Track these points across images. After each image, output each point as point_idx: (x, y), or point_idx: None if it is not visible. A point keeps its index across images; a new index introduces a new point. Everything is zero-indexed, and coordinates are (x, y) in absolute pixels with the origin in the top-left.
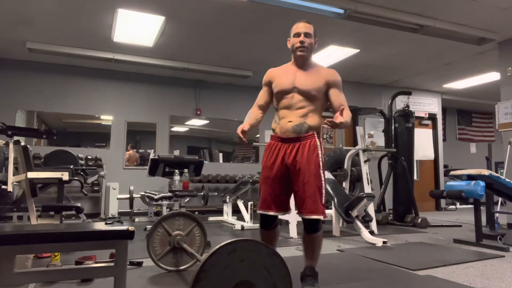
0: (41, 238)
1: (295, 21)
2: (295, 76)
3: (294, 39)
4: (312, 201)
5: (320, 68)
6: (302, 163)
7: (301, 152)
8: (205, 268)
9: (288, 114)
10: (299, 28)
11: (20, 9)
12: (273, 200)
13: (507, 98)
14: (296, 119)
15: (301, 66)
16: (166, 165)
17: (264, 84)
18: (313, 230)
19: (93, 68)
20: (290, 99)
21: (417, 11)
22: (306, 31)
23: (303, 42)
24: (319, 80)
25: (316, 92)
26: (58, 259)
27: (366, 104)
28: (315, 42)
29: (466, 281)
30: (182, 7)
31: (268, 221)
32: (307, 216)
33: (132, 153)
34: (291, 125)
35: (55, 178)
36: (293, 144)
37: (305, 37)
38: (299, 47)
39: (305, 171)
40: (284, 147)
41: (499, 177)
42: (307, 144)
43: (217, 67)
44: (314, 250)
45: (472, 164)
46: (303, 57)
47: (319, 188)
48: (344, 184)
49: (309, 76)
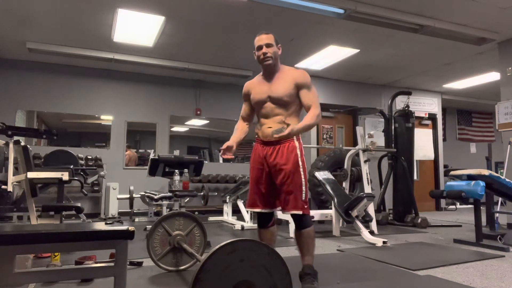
0: (41, 238)
1: (295, 21)
2: (267, 86)
3: (258, 52)
4: (293, 197)
5: (289, 70)
6: (281, 163)
7: (281, 153)
8: (205, 268)
9: (267, 121)
10: (260, 41)
11: (20, 9)
12: (259, 198)
13: (507, 98)
14: (275, 125)
15: (271, 74)
16: (166, 165)
17: (244, 99)
18: (301, 226)
19: (93, 68)
20: (266, 108)
21: (417, 11)
22: (267, 42)
23: (266, 53)
24: (289, 85)
25: (288, 97)
26: (58, 259)
27: (366, 104)
28: (278, 48)
29: (466, 281)
30: (182, 7)
31: (265, 220)
32: (288, 212)
33: (130, 153)
34: (271, 130)
35: (55, 178)
36: (274, 147)
37: (267, 47)
38: (263, 59)
39: (285, 170)
40: (265, 149)
41: (499, 177)
42: (286, 146)
43: (217, 67)
44: (307, 246)
45: (472, 164)
46: (270, 65)
47: (299, 186)
48: (344, 184)
49: (279, 83)
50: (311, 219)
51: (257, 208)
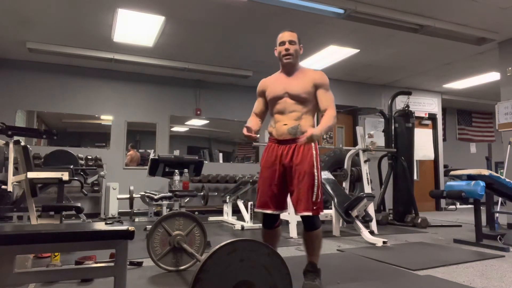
0: (41, 238)
1: (295, 21)
2: (285, 82)
3: (280, 47)
4: (305, 199)
5: (308, 71)
6: (297, 163)
7: (297, 153)
8: (205, 268)
9: (282, 118)
10: (283, 37)
11: (20, 9)
12: (271, 199)
13: (507, 98)
14: (291, 122)
15: (290, 72)
16: (166, 165)
17: (258, 95)
18: (310, 228)
19: (93, 68)
20: (283, 104)
21: (417, 11)
22: (291, 39)
23: (288, 49)
24: (307, 83)
25: (306, 94)
26: (58, 259)
27: (366, 104)
28: (300, 48)
29: (466, 281)
30: (182, 7)
31: (270, 220)
32: (300, 214)
33: (133, 153)
34: (286, 128)
35: (55, 178)
36: (289, 146)
37: (290, 44)
38: (285, 55)
39: (300, 171)
40: (280, 148)
41: (499, 177)
42: (302, 146)
43: (217, 67)
44: (314, 247)
45: (472, 164)
46: (290, 63)
47: (311, 187)
48: (344, 184)
49: (298, 80)
50: (320, 221)
51: (269, 210)
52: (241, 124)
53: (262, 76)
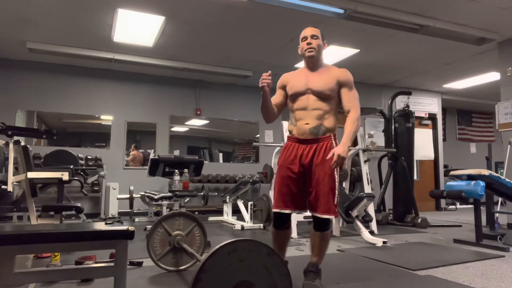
0: (41, 238)
1: (295, 21)
2: (308, 78)
3: (303, 43)
4: (326, 201)
5: (331, 68)
6: (318, 164)
7: (318, 153)
8: (205, 268)
9: (305, 115)
10: (306, 32)
11: (20, 9)
12: (291, 199)
13: (507, 98)
14: (313, 121)
15: (313, 68)
16: (166, 165)
17: (278, 87)
18: (322, 229)
19: (93, 68)
20: (305, 100)
21: (417, 11)
22: (313, 33)
23: (310, 43)
24: (331, 80)
25: (329, 91)
26: (58, 259)
27: (366, 104)
28: (323, 44)
29: (466, 281)
30: (182, 7)
31: (283, 221)
32: (320, 215)
33: (136, 153)
34: (309, 128)
35: (55, 178)
36: (311, 146)
37: (312, 39)
38: (307, 49)
39: (320, 172)
40: (301, 148)
41: (499, 177)
42: (324, 146)
43: (217, 67)
44: (321, 248)
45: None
46: (313, 57)
47: (332, 189)
48: (344, 184)
49: (321, 76)
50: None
51: (288, 210)
52: (241, 124)
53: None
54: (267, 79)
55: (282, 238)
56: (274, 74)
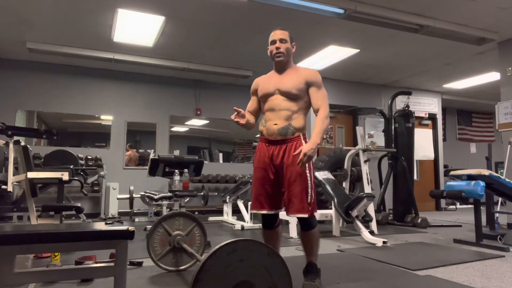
0: (41, 238)
1: (295, 21)
2: (277, 80)
3: (271, 46)
4: (298, 200)
5: (300, 69)
6: (288, 164)
7: (288, 153)
8: (205, 268)
9: (273, 116)
10: (274, 36)
11: (20, 9)
12: (265, 200)
13: (507, 98)
14: (281, 122)
15: (282, 70)
16: (166, 165)
17: (252, 93)
18: (306, 228)
19: (93, 68)
20: (274, 101)
21: (417, 11)
22: (281, 37)
23: (279, 48)
24: (299, 81)
25: (297, 91)
26: (58, 259)
27: (366, 104)
28: (292, 46)
29: (466, 281)
30: (182, 7)
31: (269, 221)
32: (293, 215)
33: (131, 153)
34: (277, 128)
35: (55, 178)
36: (280, 146)
37: (280, 43)
38: (276, 53)
39: (292, 172)
40: (271, 149)
41: (499, 177)
42: (293, 146)
43: (217, 67)
44: (312, 247)
45: (472, 164)
46: (281, 61)
47: (305, 188)
48: (344, 184)
49: (290, 77)
50: (317, 220)
51: (264, 210)
52: None
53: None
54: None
55: (273, 238)
56: None
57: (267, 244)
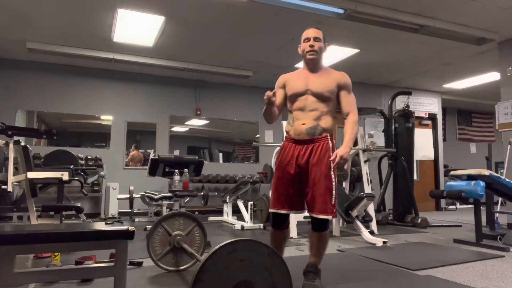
0: (41, 238)
1: (295, 21)
2: (308, 79)
3: (304, 44)
4: (322, 201)
5: (331, 70)
6: (314, 164)
7: (314, 153)
8: (205, 268)
9: (302, 116)
10: (308, 34)
11: (20, 9)
12: (286, 200)
13: (507, 98)
14: (310, 122)
15: (313, 70)
16: (166, 165)
17: (278, 87)
18: (320, 229)
19: (93, 68)
20: (303, 101)
21: (417, 11)
22: (315, 35)
23: (313, 46)
24: (330, 82)
25: (328, 93)
26: (58, 259)
27: (366, 104)
28: (324, 46)
29: (466, 281)
30: (182, 7)
31: (280, 221)
32: (317, 216)
33: (136, 153)
34: (305, 128)
35: (55, 178)
36: (307, 146)
37: (314, 41)
38: (309, 51)
39: (317, 172)
40: (297, 148)
41: (499, 177)
42: (320, 146)
43: (217, 67)
44: (319, 248)
45: (472, 164)
46: (314, 60)
47: (329, 189)
48: (344, 184)
49: (321, 78)
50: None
51: (284, 210)
52: (241, 124)
53: (262, 76)
54: (270, 97)
55: (280, 238)
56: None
57: (273, 243)
